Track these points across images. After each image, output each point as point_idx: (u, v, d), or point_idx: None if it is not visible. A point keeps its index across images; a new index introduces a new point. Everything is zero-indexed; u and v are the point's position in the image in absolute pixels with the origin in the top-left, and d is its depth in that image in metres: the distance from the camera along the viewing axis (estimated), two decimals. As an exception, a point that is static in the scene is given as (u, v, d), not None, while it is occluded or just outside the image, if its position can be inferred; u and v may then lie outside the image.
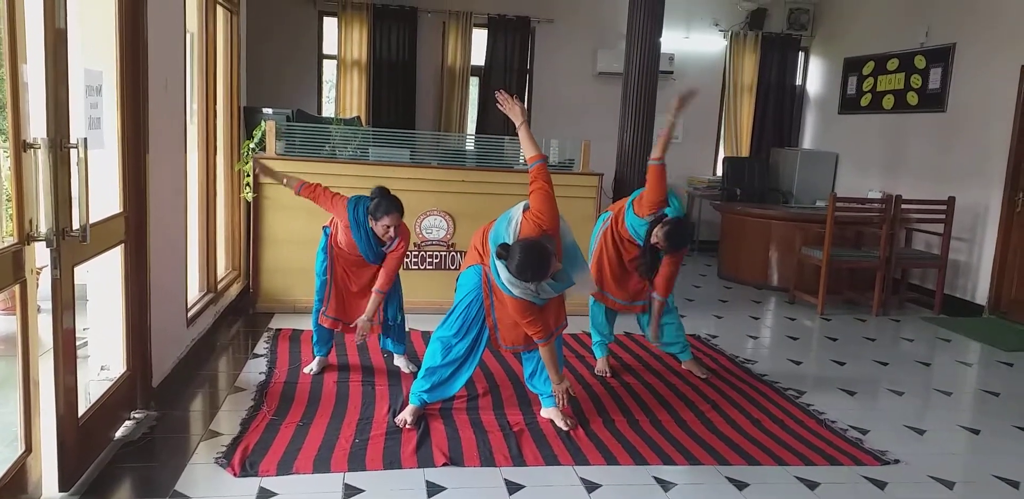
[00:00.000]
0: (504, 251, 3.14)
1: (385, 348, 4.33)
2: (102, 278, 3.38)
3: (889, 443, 3.60)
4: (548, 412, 3.60)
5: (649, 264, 4.03)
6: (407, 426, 3.44)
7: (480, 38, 8.46)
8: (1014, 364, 5.12)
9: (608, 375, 4.35)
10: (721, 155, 9.07)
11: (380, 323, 4.14)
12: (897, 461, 3.40)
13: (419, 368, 3.70)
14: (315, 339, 4.20)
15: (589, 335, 5.04)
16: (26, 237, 2.44)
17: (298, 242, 5.19)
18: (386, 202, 3.79)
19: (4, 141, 2.60)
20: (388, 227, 3.79)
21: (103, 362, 3.45)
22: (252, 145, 5.38)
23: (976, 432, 3.87)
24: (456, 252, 5.52)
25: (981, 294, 6.48)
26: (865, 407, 4.14)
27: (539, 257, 3.09)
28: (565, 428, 3.50)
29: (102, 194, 3.21)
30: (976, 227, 6.57)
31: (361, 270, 4.03)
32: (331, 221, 4.04)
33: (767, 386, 4.32)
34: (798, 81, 9.29)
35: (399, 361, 4.30)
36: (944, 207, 6.34)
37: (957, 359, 5.22)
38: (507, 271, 3.16)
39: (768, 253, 7.14)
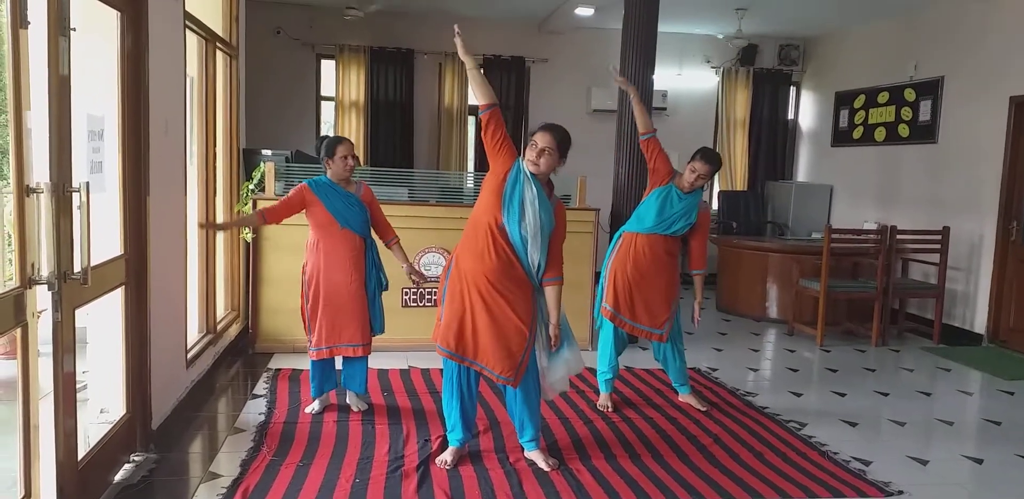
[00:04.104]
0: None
1: (346, 385, 4.22)
2: (102, 320, 3.40)
3: (892, 474, 3.58)
4: (531, 455, 3.57)
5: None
6: (447, 467, 3.44)
7: (476, 78, 8.59)
8: (1015, 393, 5.11)
9: (610, 410, 4.34)
10: (716, 189, 9.15)
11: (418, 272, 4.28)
12: (901, 492, 3.38)
13: (368, 406, 4.24)
14: (314, 377, 4.14)
15: (588, 370, 5.04)
16: (28, 281, 2.46)
17: (297, 282, 5.19)
18: (330, 138, 4.04)
19: (6, 185, 2.64)
20: (346, 157, 3.95)
21: (103, 405, 3.45)
22: (251, 186, 5.44)
23: (979, 461, 3.85)
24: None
25: (979, 323, 6.49)
26: (867, 438, 4.13)
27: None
28: (547, 468, 3.47)
29: (103, 236, 3.24)
30: (971, 256, 6.60)
31: (342, 264, 3.99)
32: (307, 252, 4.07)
33: (768, 418, 4.31)
34: (790, 115, 9.42)
35: (351, 399, 4.24)
36: (939, 237, 6.39)
37: (958, 388, 5.21)
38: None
39: (766, 285, 7.16)
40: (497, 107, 3.37)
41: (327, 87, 8.49)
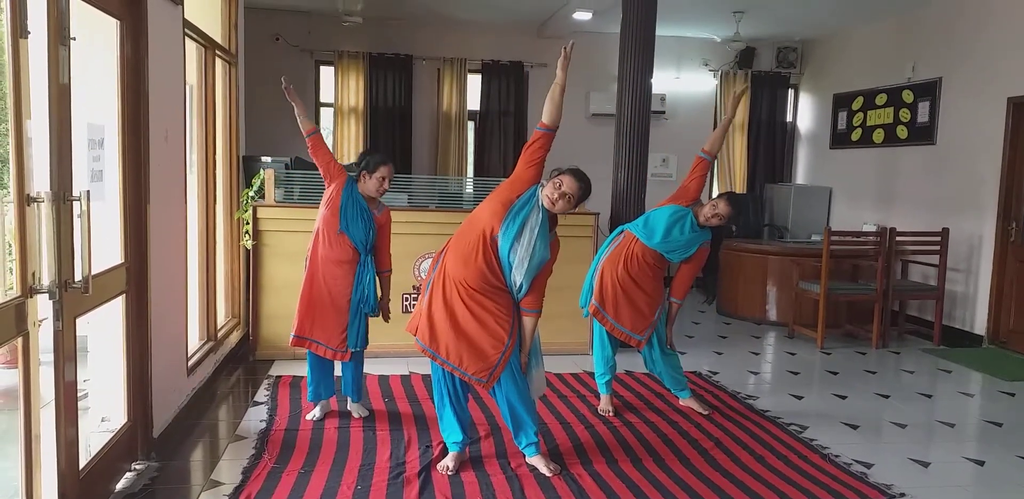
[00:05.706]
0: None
1: (345, 393, 4.25)
2: (103, 329, 3.40)
3: (894, 477, 3.58)
4: (532, 460, 3.58)
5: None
6: (448, 472, 3.44)
7: (475, 83, 8.63)
8: (1016, 394, 5.10)
9: (611, 414, 4.33)
10: (715, 192, 9.15)
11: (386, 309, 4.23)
12: (903, 495, 3.38)
13: (369, 412, 4.23)
14: (310, 382, 4.16)
15: (589, 374, 5.05)
16: (29, 290, 2.47)
17: (297, 289, 5.20)
18: (378, 154, 3.98)
19: (6, 195, 2.64)
20: (384, 178, 3.93)
21: (104, 413, 3.45)
22: (251, 193, 5.45)
23: (981, 463, 3.85)
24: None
25: (980, 324, 6.49)
26: (868, 441, 4.13)
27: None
28: (549, 474, 3.47)
29: (104, 245, 3.25)
30: (971, 257, 6.61)
31: (331, 267, 4.00)
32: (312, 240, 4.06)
33: (770, 422, 4.31)
34: (789, 118, 9.43)
35: (351, 406, 4.24)
36: (938, 238, 6.39)
37: (959, 390, 5.21)
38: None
39: (766, 288, 7.16)
40: (554, 133, 3.36)
41: (326, 93, 8.51)
